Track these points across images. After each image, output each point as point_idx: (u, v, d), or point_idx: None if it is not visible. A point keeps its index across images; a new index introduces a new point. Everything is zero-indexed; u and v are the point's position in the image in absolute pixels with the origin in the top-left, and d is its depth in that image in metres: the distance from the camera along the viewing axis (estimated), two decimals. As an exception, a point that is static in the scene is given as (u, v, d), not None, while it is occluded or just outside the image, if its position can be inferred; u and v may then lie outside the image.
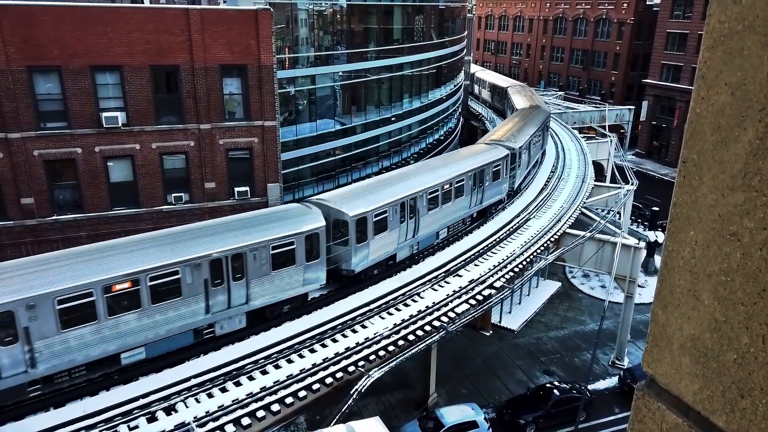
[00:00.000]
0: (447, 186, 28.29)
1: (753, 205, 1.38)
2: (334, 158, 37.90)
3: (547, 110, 48.39)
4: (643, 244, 32.34)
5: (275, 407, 17.14)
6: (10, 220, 24.54)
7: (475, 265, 26.59)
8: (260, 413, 16.90)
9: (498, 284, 25.21)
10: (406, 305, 22.92)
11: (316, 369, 18.75)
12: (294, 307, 22.12)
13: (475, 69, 76.75)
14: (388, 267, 26.07)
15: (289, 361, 19.09)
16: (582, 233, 31.38)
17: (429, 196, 27.08)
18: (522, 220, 32.05)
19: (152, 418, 16.29)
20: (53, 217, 25.29)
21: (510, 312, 35.96)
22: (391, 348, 20.33)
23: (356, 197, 24.43)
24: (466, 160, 31.04)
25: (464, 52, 61.40)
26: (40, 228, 25.05)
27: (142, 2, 34.39)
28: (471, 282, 24.75)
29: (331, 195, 25.09)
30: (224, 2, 30.57)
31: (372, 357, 19.74)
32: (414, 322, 21.69)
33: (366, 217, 23.58)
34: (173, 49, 25.64)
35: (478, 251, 27.87)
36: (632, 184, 41.13)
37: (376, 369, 19.14)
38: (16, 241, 24.64)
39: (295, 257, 21.21)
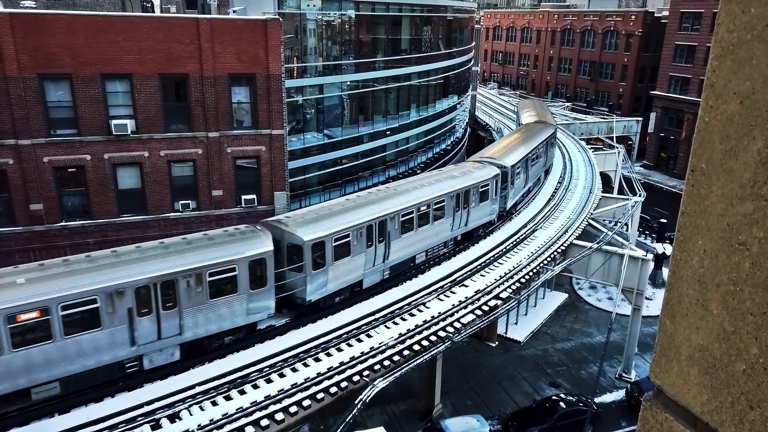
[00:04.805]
0: (534, 155, 36.87)
1: (762, 215, 1.38)
2: (341, 167, 37.98)
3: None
4: (650, 256, 32.17)
5: (279, 416, 17.08)
6: (18, 226, 24.71)
7: (482, 275, 26.50)
8: (264, 422, 16.84)
9: (504, 295, 25.09)
10: (412, 315, 22.85)
11: (321, 378, 18.70)
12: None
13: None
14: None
15: (294, 370, 19.05)
16: (589, 244, 31.23)
17: (530, 158, 36.05)
18: (529, 231, 31.96)
19: (156, 426, 16.26)
20: (61, 224, 25.44)
21: (516, 323, 35.78)
22: (396, 358, 20.24)
23: (503, 155, 32.91)
24: (540, 133, 40.00)
25: (472, 62, 61.57)
26: (48, 234, 25.19)
27: (153, 11, 34.75)
28: (477, 292, 24.66)
29: (485, 154, 33.91)
30: (234, 12, 30.84)
31: (377, 367, 19.66)
32: (419, 332, 21.61)
33: (513, 171, 32.54)
34: (183, 58, 25.85)
35: (485, 261, 27.79)
36: (640, 196, 40.97)
37: (381, 379, 19.05)
38: (24, 247, 24.79)
39: (488, 194, 30.06)
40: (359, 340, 20.94)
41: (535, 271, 27.74)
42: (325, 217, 22.52)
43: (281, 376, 18.75)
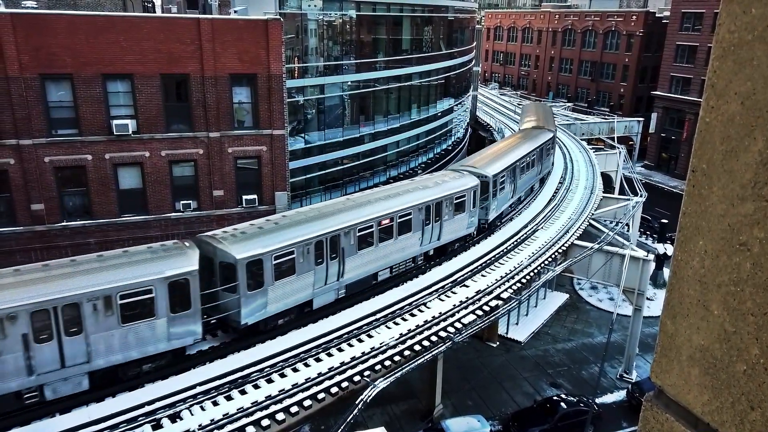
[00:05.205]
0: (524, 163, 35.68)
1: (763, 215, 1.38)
2: (341, 167, 38.01)
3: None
4: (651, 256, 32.14)
5: (280, 416, 17.09)
6: (20, 225, 24.73)
7: (483, 275, 26.50)
8: (265, 422, 16.85)
9: (505, 295, 25.08)
10: (413, 315, 22.85)
11: (321, 378, 18.70)
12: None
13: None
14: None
15: (295, 370, 19.06)
16: (590, 245, 31.22)
17: (519, 166, 34.85)
18: (530, 231, 31.94)
19: (157, 425, 16.28)
20: (62, 224, 25.47)
21: (517, 323, 35.77)
22: (397, 358, 20.25)
23: (487, 163, 31.68)
24: (534, 139, 38.93)
25: (473, 62, 61.58)
26: (49, 234, 25.21)
27: (154, 12, 34.78)
28: (478, 292, 24.66)
29: (468, 163, 32.45)
30: (235, 12, 30.85)
31: (378, 367, 19.67)
32: (420, 332, 21.61)
33: (495, 181, 30.72)
34: (184, 58, 25.87)
35: (486, 261, 27.78)
36: (641, 196, 40.96)
37: (382, 379, 19.05)
38: (24, 247, 24.82)
39: (464, 206, 28.51)
40: (360, 341, 20.95)
41: (535, 272, 27.74)
42: (268, 232, 20.70)
43: (282, 376, 18.75)
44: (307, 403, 17.74)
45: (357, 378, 18.99)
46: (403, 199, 25.43)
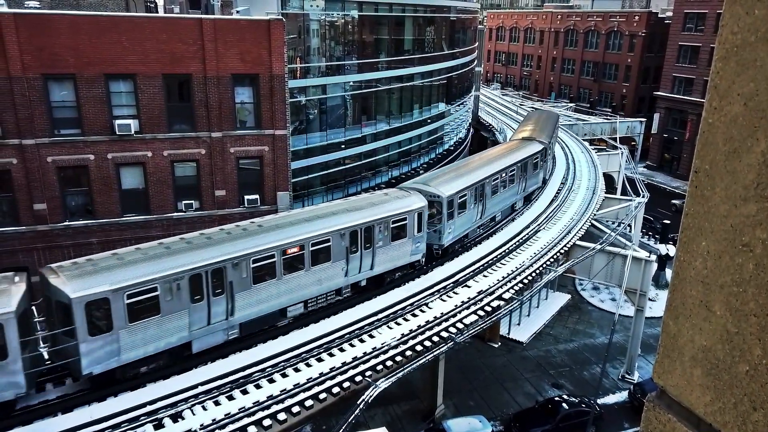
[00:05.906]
0: (497, 180, 32.42)
1: (766, 216, 1.38)
2: (343, 167, 38.02)
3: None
4: (653, 257, 32.10)
5: (282, 416, 17.10)
6: (22, 225, 24.78)
7: (484, 275, 26.48)
8: (266, 422, 16.86)
9: (507, 296, 25.07)
10: (414, 315, 22.85)
11: (323, 378, 18.71)
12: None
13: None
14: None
15: (297, 370, 19.07)
16: (592, 245, 31.19)
17: (490, 183, 31.50)
18: (531, 232, 31.91)
19: (159, 425, 16.29)
20: (65, 223, 25.51)
21: (519, 324, 35.74)
22: (398, 358, 20.25)
23: (446, 180, 28.37)
24: (517, 153, 36.07)
25: (475, 63, 61.57)
26: (51, 234, 25.26)
27: (156, 12, 34.81)
28: (480, 293, 24.65)
29: (422, 180, 28.92)
30: (237, 12, 30.87)
31: (379, 367, 19.67)
32: (422, 333, 21.61)
33: (451, 201, 27.24)
34: (186, 58, 25.90)
35: (487, 262, 27.76)
36: (643, 197, 40.91)
37: (384, 379, 19.05)
38: (27, 247, 24.87)
39: (406, 230, 24.98)
40: (361, 341, 20.95)
41: (537, 272, 27.72)
42: (127, 264, 17.62)
43: (284, 375, 18.75)
44: (308, 403, 17.75)
45: (359, 378, 18.99)
46: (320, 224, 22.16)
